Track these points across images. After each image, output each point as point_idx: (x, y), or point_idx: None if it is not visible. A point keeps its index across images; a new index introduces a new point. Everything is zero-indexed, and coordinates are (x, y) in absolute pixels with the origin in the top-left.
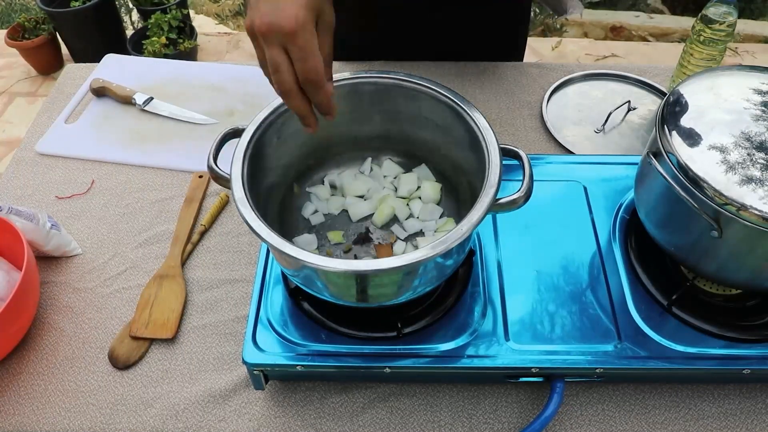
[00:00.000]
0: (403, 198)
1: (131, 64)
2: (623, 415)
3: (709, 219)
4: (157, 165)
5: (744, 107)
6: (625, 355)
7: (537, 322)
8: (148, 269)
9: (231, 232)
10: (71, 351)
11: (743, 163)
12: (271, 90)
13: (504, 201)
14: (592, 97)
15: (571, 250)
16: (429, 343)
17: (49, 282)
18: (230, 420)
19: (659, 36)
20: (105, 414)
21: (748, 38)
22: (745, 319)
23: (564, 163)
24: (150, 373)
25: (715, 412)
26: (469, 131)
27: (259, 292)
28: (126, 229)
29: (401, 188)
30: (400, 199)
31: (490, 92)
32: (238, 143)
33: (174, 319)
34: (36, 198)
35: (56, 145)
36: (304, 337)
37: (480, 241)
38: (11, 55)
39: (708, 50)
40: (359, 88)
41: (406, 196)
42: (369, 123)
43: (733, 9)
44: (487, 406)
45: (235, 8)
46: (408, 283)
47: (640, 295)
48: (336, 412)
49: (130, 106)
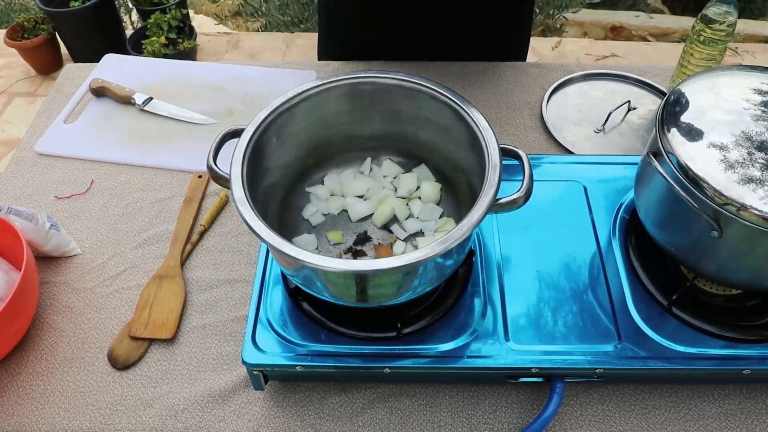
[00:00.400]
0: (402, 198)
1: (130, 64)
2: (623, 416)
3: (709, 219)
4: (156, 165)
5: (744, 107)
6: (625, 356)
7: (537, 322)
8: (147, 269)
9: (230, 232)
10: (70, 351)
11: (743, 163)
12: (270, 90)
13: (504, 201)
14: (592, 97)
15: (571, 250)
16: (429, 344)
17: (48, 282)
18: (230, 420)
19: (659, 36)
20: (104, 414)
21: (749, 38)
22: (745, 319)
23: (564, 163)
24: (149, 373)
25: (715, 412)
26: (469, 131)
27: (258, 293)
28: (125, 229)
29: (401, 188)
30: (400, 200)
31: (490, 92)
32: (237, 143)
33: (173, 319)
34: (35, 198)
35: (55, 145)
36: (304, 337)
37: (480, 241)
38: (10, 55)
39: (708, 50)
40: (359, 88)
41: (406, 196)
42: (369, 123)
43: (733, 9)
44: (486, 407)
45: (234, 8)
46: (408, 283)
47: (640, 295)
48: (336, 412)
49: (129, 106)
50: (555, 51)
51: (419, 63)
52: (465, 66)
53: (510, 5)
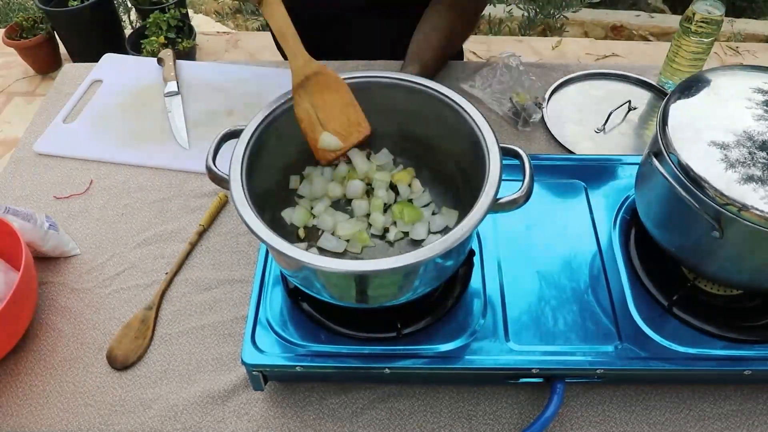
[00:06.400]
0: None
1: (130, 63)
2: (624, 416)
3: (710, 219)
4: (156, 165)
5: (745, 107)
6: (626, 356)
7: (537, 323)
8: (146, 269)
9: (230, 233)
10: (69, 352)
11: (744, 163)
12: (270, 89)
13: (504, 201)
14: (592, 96)
15: (572, 250)
16: (429, 344)
17: (47, 282)
18: (229, 421)
19: (660, 35)
20: (103, 415)
21: (749, 37)
22: (746, 319)
23: (564, 163)
24: (148, 373)
25: (715, 413)
26: (469, 131)
27: (258, 293)
28: (124, 230)
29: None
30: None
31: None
32: (236, 143)
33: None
34: (34, 198)
35: (54, 145)
36: (304, 337)
37: (480, 241)
38: (9, 55)
39: (695, 45)
40: (358, 88)
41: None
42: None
43: (720, 4)
44: (486, 407)
45: (235, 6)
46: (408, 283)
47: (640, 296)
48: (335, 412)
49: (128, 105)
50: (555, 50)
51: None
52: (465, 65)
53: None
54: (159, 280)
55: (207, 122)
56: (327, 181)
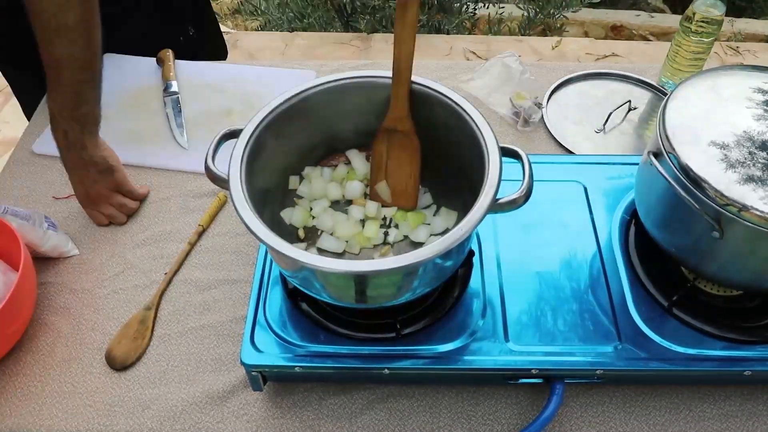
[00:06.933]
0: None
1: (129, 63)
2: (623, 417)
3: (710, 220)
4: (156, 165)
5: (745, 107)
6: (626, 357)
7: (537, 323)
8: (145, 269)
9: (229, 233)
10: (68, 352)
11: (744, 164)
12: (269, 89)
13: (504, 201)
14: (592, 96)
15: (571, 251)
16: (428, 344)
17: (46, 283)
18: (228, 421)
19: (660, 35)
20: (102, 415)
21: (750, 37)
22: (746, 320)
23: (564, 163)
24: (147, 374)
25: (715, 413)
26: (469, 131)
27: (257, 293)
28: (123, 230)
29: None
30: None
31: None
32: (236, 144)
33: (412, 186)
34: (33, 198)
35: (53, 146)
36: (303, 338)
37: (480, 241)
38: None
39: (695, 44)
40: (358, 88)
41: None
42: (368, 123)
43: (720, 3)
44: (486, 408)
45: (234, 6)
46: (408, 284)
47: (640, 296)
48: (335, 413)
49: (127, 105)
50: (555, 50)
51: None
52: (465, 65)
53: None
54: (158, 280)
55: (206, 122)
56: (326, 181)
